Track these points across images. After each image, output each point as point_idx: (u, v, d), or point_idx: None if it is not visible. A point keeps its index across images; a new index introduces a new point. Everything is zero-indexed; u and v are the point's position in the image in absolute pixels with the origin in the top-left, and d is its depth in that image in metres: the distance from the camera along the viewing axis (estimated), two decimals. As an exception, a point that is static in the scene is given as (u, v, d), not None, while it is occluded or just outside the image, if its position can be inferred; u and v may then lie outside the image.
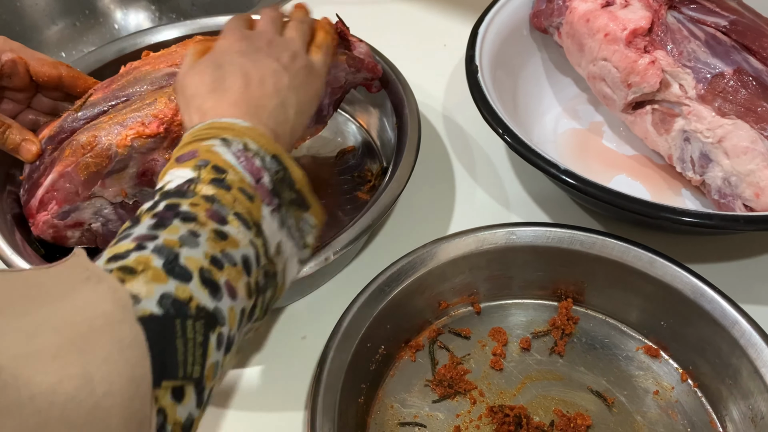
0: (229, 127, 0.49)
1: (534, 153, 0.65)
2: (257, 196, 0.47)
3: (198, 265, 0.41)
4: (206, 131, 0.49)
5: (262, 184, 0.48)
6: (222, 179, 0.46)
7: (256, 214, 0.47)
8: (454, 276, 0.64)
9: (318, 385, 0.55)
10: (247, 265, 0.45)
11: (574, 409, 0.59)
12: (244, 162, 0.48)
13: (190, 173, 0.46)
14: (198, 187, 0.45)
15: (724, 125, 0.67)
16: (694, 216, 0.60)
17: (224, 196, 0.45)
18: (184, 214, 0.43)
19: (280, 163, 0.50)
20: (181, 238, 0.42)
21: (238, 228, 0.45)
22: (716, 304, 0.59)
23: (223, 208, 0.45)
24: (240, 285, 0.44)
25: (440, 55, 0.93)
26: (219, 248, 0.43)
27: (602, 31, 0.71)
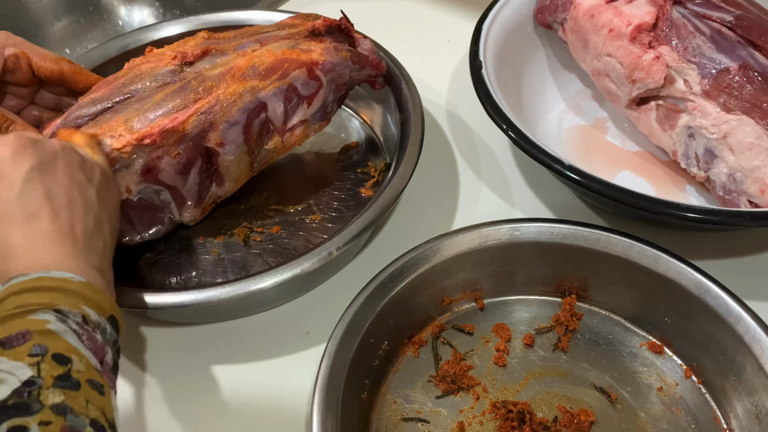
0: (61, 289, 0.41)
1: (538, 149, 0.65)
2: (106, 385, 0.40)
3: None
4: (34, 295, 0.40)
5: (106, 365, 0.41)
6: (68, 373, 0.38)
7: (109, 412, 0.39)
8: (457, 272, 0.64)
9: (321, 381, 0.55)
10: None
11: (577, 405, 0.59)
12: (87, 341, 0.40)
13: (26, 370, 0.37)
14: (43, 393, 0.36)
15: (729, 121, 0.67)
16: (699, 212, 0.60)
17: (76, 399, 0.37)
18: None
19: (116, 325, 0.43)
20: None
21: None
22: (721, 301, 0.58)
23: (78, 420, 0.37)
24: None
25: (444, 51, 0.93)
26: None
27: (607, 27, 0.71)
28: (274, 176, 0.77)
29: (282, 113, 0.67)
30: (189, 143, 0.63)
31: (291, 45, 0.68)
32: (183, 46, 0.68)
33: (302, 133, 0.70)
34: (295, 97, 0.67)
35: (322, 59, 0.68)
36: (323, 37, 0.70)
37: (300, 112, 0.68)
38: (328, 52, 0.68)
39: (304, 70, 0.67)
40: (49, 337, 0.39)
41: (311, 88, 0.68)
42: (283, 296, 0.68)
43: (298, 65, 0.66)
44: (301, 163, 0.80)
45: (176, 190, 0.66)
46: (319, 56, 0.68)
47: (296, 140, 0.70)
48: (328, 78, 0.69)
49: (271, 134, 0.68)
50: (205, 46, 0.68)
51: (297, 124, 0.69)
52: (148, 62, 0.67)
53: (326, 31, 0.71)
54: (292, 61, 0.66)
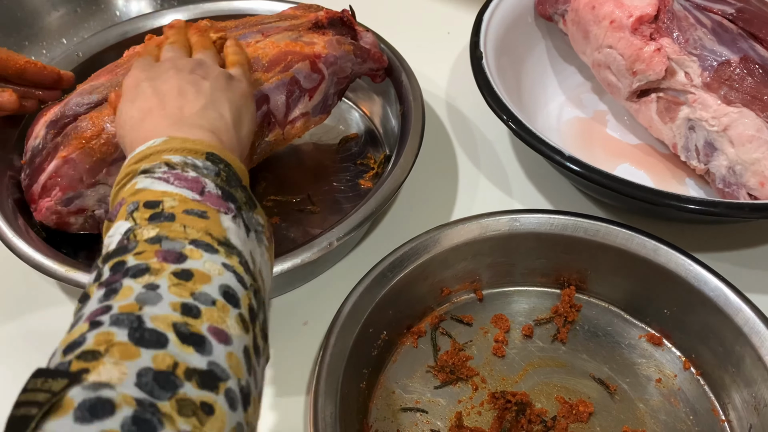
0: (143, 156, 0.44)
1: (539, 140, 0.65)
2: (210, 210, 0.42)
3: (170, 322, 0.35)
4: (123, 174, 0.45)
5: (208, 194, 0.43)
6: (160, 212, 0.41)
7: (217, 231, 0.41)
8: (456, 263, 0.64)
9: (320, 370, 0.55)
10: (229, 297, 0.38)
11: (576, 396, 0.59)
12: (176, 181, 0.42)
13: (125, 224, 0.41)
14: (137, 232, 0.40)
15: (729, 113, 0.67)
16: (699, 203, 0.60)
17: (170, 228, 0.40)
18: (133, 270, 0.37)
19: (219, 161, 0.45)
20: (138, 297, 0.36)
21: (202, 258, 0.39)
22: (720, 292, 0.59)
23: (174, 243, 0.39)
24: (230, 323, 0.37)
25: (444, 43, 0.93)
26: (188, 292, 0.37)
27: (608, 18, 0.71)
28: (273, 167, 0.78)
29: (284, 105, 0.67)
30: None
31: (294, 37, 0.68)
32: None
33: (303, 125, 0.70)
34: (297, 89, 0.67)
35: (325, 52, 0.68)
36: (326, 29, 0.70)
37: (301, 105, 0.68)
38: (331, 45, 0.68)
39: (307, 62, 0.67)
40: (139, 193, 0.42)
41: (313, 81, 0.68)
42: (282, 286, 0.68)
43: (301, 58, 0.66)
44: (300, 154, 0.80)
45: None
46: (321, 49, 0.68)
47: (297, 132, 0.70)
48: (330, 71, 0.69)
49: (272, 126, 0.68)
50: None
51: (298, 117, 0.69)
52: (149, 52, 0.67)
53: (329, 23, 0.71)
54: (295, 54, 0.66)
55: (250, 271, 0.41)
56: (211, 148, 0.45)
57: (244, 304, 0.39)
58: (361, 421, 0.57)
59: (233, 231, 0.42)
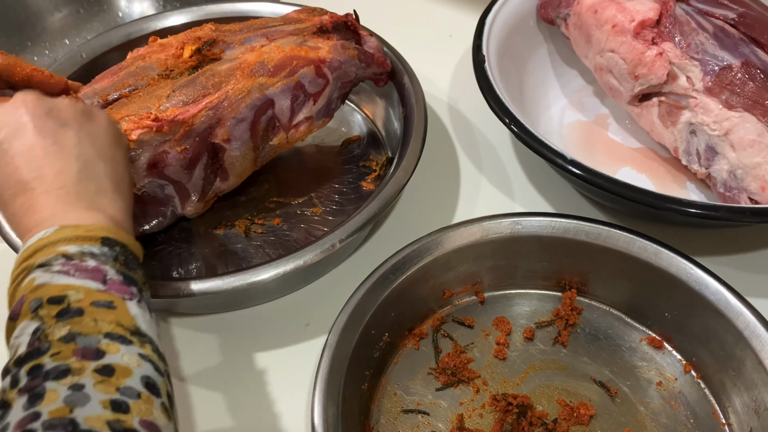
0: (36, 249, 0.42)
1: (541, 143, 0.65)
2: (116, 299, 0.41)
3: (103, 421, 0.35)
4: (19, 271, 0.42)
5: (111, 281, 0.42)
6: (67, 307, 0.39)
7: (127, 321, 0.40)
8: (458, 265, 0.64)
9: (322, 372, 0.55)
10: (151, 387, 0.39)
11: (577, 399, 0.59)
12: (76, 273, 0.41)
13: (31, 324, 0.39)
14: (48, 332, 0.38)
15: (730, 118, 0.67)
16: (701, 207, 0.60)
17: (81, 323, 0.39)
18: (53, 372, 0.36)
19: (115, 243, 0.44)
20: (66, 400, 0.35)
21: (119, 351, 0.39)
22: (721, 296, 0.59)
23: (89, 339, 0.38)
24: (156, 413, 0.38)
25: (446, 46, 0.93)
26: (113, 387, 0.37)
27: (610, 23, 0.72)
28: (276, 169, 0.78)
29: (288, 110, 0.67)
30: (196, 138, 0.63)
31: (299, 42, 0.68)
32: (191, 36, 0.68)
33: (306, 129, 0.70)
34: (302, 94, 0.67)
35: (330, 57, 0.68)
36: (330, 33, 0.70)
37: (306, 109, 0.69)
38: (336, 50, 0.69)
39: (312, 67, 0.67)
40: (40, 289, 0.40)
41: (318, 85, 0.68)
42: (284, 288, 0.68)
43: (306, 63, 0.67)
44: (302, 156, 0.80)
45: (181, 184, 0.66)
46: (326, 54, 0.68)
47: (300, 136, 0.70)
48: (335, 75, 0.69)
49: (277, 130, 0.69)
50: (212, 36, 0.68)
51: (302, 121, 0.69)
52: (153, 53, 0.67)
53: (333, 27, 0.71)
54: (301, 59, 0.67)
55: (161, 356, 0.41)
56: (104, 232, 0.44)
57: (164, 391, 0.40)
58: (362, 423, 0.58)
59: (140, 317, 0.42)
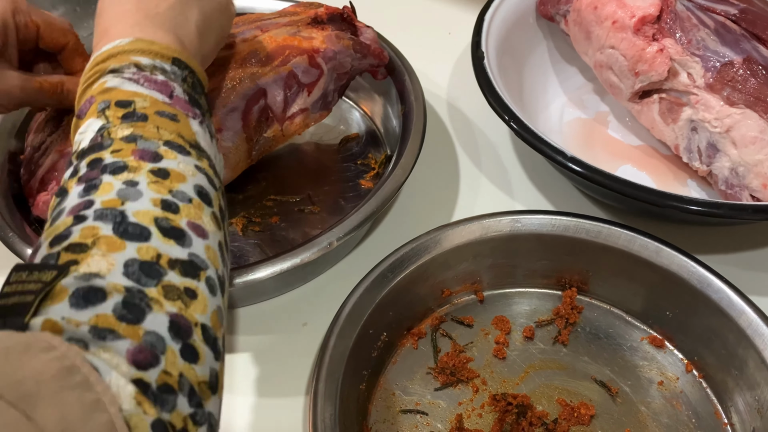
0: (111, 55, 0.43)
1: (541, 140, 0.64)
2: (179, 113, 0.43)
3: (151, 217, 0.36)
4: (91, 73, 0.44)
5: (177, 98, 0.43)
6: (132, 111, 0.41)
7: (187, 134, 0.42)
8: (457, 264, 0.63)
9: (320, 372, 0.54)
10: (203, 195, 0.40)
11: (577, 399, 0.58)
12: (146, 83, 0.43)
13: (96, 122, 0.41)
14: (112, 131, 0.40)
15: (732, 115, 0.66)
16: (702, 205, 0.59)
17: (145, 128, 0.40)
18: (111, 166, 0.38)
19: (185, 67, 0.45)
20: (119, 193, 0.37)
21: (176, 158, 0.40)
22: (723, 294, 0.58)
23: (150, 143, 0.40)
24: (205, 220, 0.39)
25: (445, 43, 0.92)
26: (165, 189, 0.38)
27: (610, 19, 0.71)
28: (273, 166, 0.77)
29: (282, 100, 0.66)
30: None
31: (292, 32, 0.67)
32: None
33: (302, 121, 0.69)
34: (296, 84, 0.66)
35: (324, 47, 0.67)
36: (325, 25, 0.69)
37: (300, 100, 0.68)
38: (330, 40, 0.68)
39: (305, 57, 0.66)
40: (110, 92, 0.42)
41: (312, 75, 0.67)
42: (281, 286, 0.67)
43: (299, 52, 0.66)
44: (300, 154, 0.79)
45: None
46: (320, 44, 0.67)
47: (296, 129, 0.69)
48: (329, 66, 0.68)
49: (271, 122, 0.67)
50: None
51: (297, 113, 0.68)
52: None
53: (328, 19, 0.70)
54: (293, 48, 0.66)
55: (217, 174, 0.43)
56: (177, 54, 0.45)
57: (216, 204, 0.41)
58: (360, 423, 0.57)
59: (201, 135, 0.43)
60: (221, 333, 0.37)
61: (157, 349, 0.32)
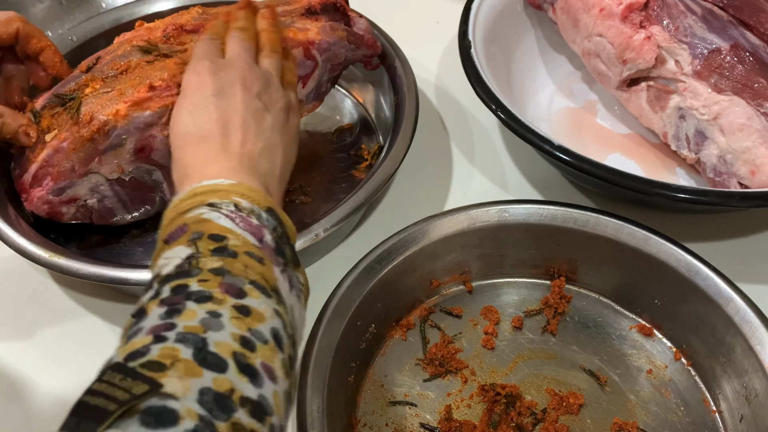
0: (212, 190, 0.44)
1: (528, 129, 0.62)
2: (266, 258, 0.42)
3: (230, 350, 0.35)
4: (189, 201, 0.44)
5: (266, 244, 0.43)
6: (224, 247, 0.40)
7: (271, 279, 0.41)
8: (445, 254, 0.62)
9: (307, 364, 0.53)
10: (278, 340, 0.39)
11: (566, 388, 0.57)
12: (241, 223, 0.42)
13: (185, 250, 0.40)
14: (201, 261, 0.40)
15: (720, 102, 0.64)
16: (690, 192, 0.58)
17: (233, 264, 0.40)
18: (196, 295, 0.38)
19: (277, 217, 0.45)
20: (202, 321, 0.36)
21: (259, 298, 0.39)
22: (711, 282, 0.56)
23: (236, 279, 0.39)
24: (277, 365, 0.38)
25: (433, 32, 0.90)
26: (246, 326, 0.37)
27: (597, 6, 0.69)
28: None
29: None
30: None
31: (286, 23, 0.65)
32: (178, 19, 0.66)
33: None
34: None
35: (319, 38, 0.65)
36: (319, 15, 0.67)
37: None
38: (325, 31, 0.66)
39: (300, 49, 0.64)
40: (205, 223, 0.42)
41: (307, 67, 0.65)
42: (270, 278, 0.65)
43: (295, 44, 0.64)
44: (292, 144, 0.78)
45: (169, 169, 0.64)
46: (315, 35, 0.65)
47: None
48: (324, 58, 0.66)
49: None
50: (199, 21, 0.65)
51: None
52: (140, 37, 0.65)
53: (322, 9, 0.68)
54: (289, 40, 0.64)
55: (291, 323, 0.42)
56: (270, 204, 0.45)
57: (287, 351, 0.40)
58: (349, 415, 0.55)
59: (281, 282, 0.42)
60: None
61: None
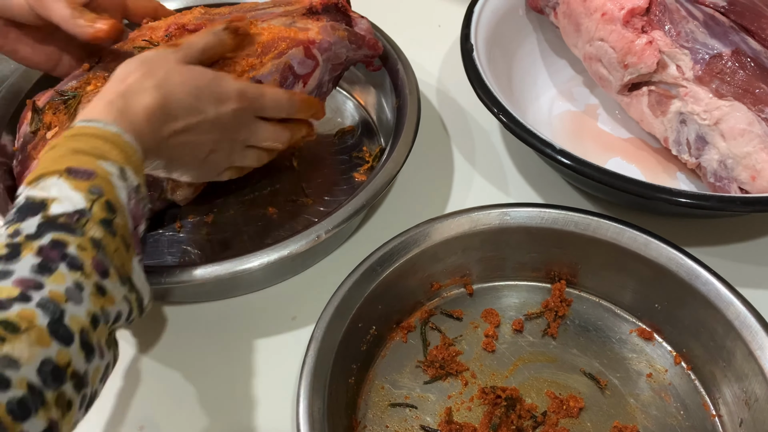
0: (131, 153, 0.46)
1: (529, 132, 0.62)
2: (132, 246, 0.45)
3: (80, 326, 0.39)
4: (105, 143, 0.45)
5: (137, 233, 0.46)
6: (111, 221, 0.43)
7: (128, 268, 0.44)
8: (446, 257, 0.61)
9: (308, 365, 0.52)
10: (116, 322, 0.43)
11: (566, 392, 0.57)
12: (133, 205, 0.45)
13: (81, 201, 0.42)
14: (88, 225, 0.41)
15: (721, 107, 0.64)
16: (691, 197, 0.57)
17: (109, 243, 0.42)
18: (71, 259, 0.40)
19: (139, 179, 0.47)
20: (67, 291, 0.39)
21: (115, 283, 0.42)
22: (711, 286, 0.56)
23: (106, 259, 0.42)
24: (105, 341, 0.42)
25: (435, 36, 0.89)
26: (99, 305, 0.41)
27: (599, 11, 0.68)
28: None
29: None
30: None
31: (288, 23, 0.65)
32: (180, 19, 0.65)
33: None
34: (291, 75, 0.64)
35: (319, 38, 0.64)
36: (320, 15, 0.67)
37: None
38: (325, 31, 0.65)
39: (301, 48, 0.64)
40: (109, 186, 0.43)
41: (308, 67, 0.65)
42: (271, 278, 0.65)
43: (295, 43, 0.63)
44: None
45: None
46: (316, 35, 0.64)
47: None
48: (325, 57, 0.66)
49: None
50: (201, 21, 0.65)
51: None
52: (142, 36, 0.65)
53: (323, 9, 0.67)
54: (290, 40, 0.63)
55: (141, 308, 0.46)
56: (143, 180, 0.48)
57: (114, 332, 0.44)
58: (349, 417, 0.55)
59: (136, 272, 0.45)
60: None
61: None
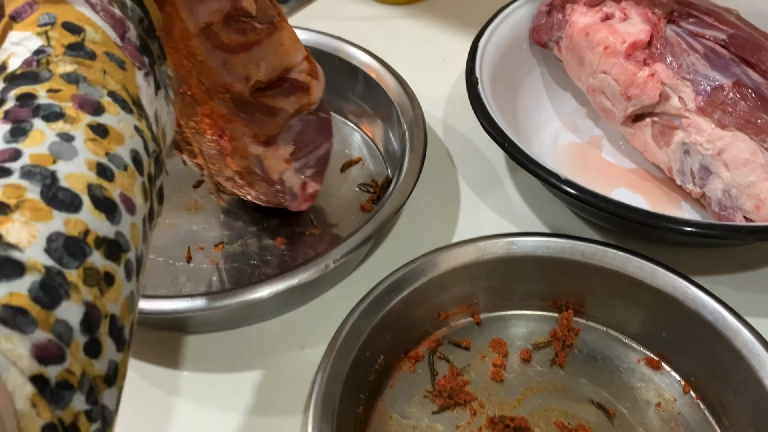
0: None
1: (535, 163, 0.62)
2: (128, 61, 0.35)
3: (85, 183, 0.30)
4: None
5: (128, 41, 0.36)
6: (81, 43, 0.33)
7: (132, 88, 0.35)
8: (454, 286, 0.61)
9: (316, 395, 0.52)
10: (137, 163, 0.34)
11: (575, 421, 0.56)
12: (102, 12, 0.35)
13: (34, 40, 0.33)
14: (52, 61, 0.33)
15: (723, 137, 0.64)
16: (696, 226, 0.57)
17: (90, 70, 0.33)
18: (45, 109, 0.31)
19: (141, 5, 0.38)
20: (51, 148, 0.30)
21: (119, 115, 0.33)
22: (718, 315, 0.55)
23: (93, 90, 0.33)
24: (137, 192, 0.33)
25: (441, 70, 0.90)
26: (103, 150, 0.32)
27: (602, 44, 0.69)
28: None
29: None
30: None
31: None
32: None
33: None
34: None
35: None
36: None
37: None
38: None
39: None
40: (59, 6, 0.34)
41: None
42: (280, 308, 0.65)
43: None
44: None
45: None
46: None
47: None
48: None
49: None
50: None
51: None
52: None
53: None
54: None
55: (153, 136, 0.37)
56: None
57: (146, 171, 0.35)
58: (358, 447, 0.54)
59: (144, 90, 0.36)
60: (129, 321, 0.32)
61: (64, 341, 0.27)
